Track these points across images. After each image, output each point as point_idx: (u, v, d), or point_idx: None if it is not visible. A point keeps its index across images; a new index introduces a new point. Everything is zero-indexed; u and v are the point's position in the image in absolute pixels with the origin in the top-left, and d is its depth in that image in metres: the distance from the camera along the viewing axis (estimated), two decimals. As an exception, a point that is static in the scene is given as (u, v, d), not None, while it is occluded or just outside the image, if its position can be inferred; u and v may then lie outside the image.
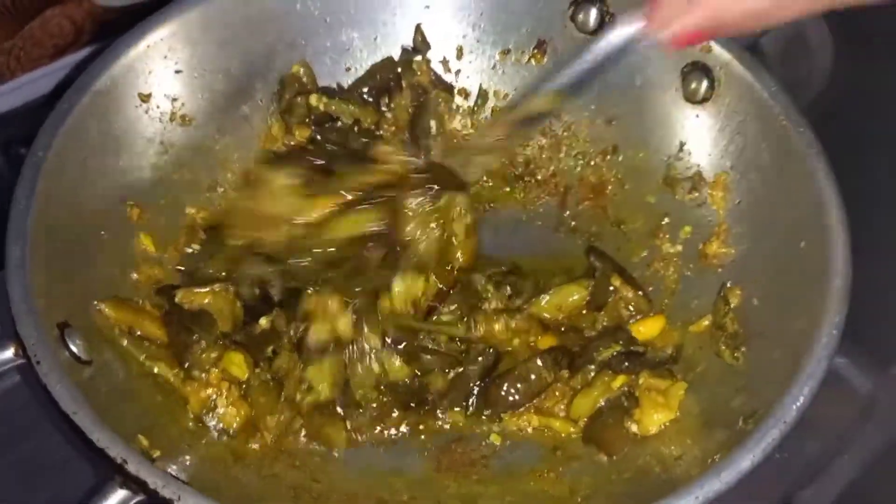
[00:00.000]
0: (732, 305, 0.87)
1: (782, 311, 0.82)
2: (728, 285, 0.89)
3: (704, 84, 0.94)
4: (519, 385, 0.86)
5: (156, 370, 0.82)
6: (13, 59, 1.13)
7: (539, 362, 0.86)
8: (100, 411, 0.68)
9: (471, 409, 0.87)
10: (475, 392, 0.88)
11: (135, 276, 0.89)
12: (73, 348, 0.73)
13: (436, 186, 0.86)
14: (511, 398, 0.86)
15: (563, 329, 0.93)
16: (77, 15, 1.14)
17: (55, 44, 1.13)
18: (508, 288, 0.92)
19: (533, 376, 0.86)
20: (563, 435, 0.86)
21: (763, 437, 0.68)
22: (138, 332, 0.83)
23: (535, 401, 0.87)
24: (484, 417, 0.87)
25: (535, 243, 1.01)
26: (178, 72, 0.95)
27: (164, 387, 0.81)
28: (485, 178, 1.05)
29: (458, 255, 0.89)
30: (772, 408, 0.69)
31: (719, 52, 0.93)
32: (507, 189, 1.06)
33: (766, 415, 0.69)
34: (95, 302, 0.81)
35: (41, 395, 0.67)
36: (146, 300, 0.87)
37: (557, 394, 0.87)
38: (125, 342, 0.82)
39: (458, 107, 1.07)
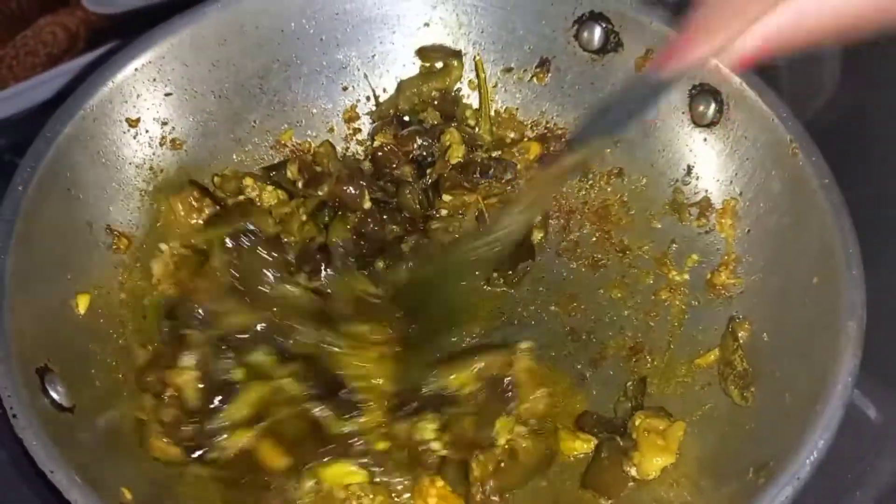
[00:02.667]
0: (741, 340, 0.84)
1: (794, 350, 0.79)
2: (737, 318, 0.86)
3: (713, 107, 0.91)
4: None
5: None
6: (6, 68, 1.11)
7: None
8: (80, 462, 0.65)
9: None
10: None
11: (122, 295, 0.87)
12: (54, 395, 0.70)
13: None
14: None
15: None
16: (70, 23, 1.12)
17: (49, 52, 1.11)
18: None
19: None
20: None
21: (777, 495, 0.65)
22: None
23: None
24: None
25: (536, 269, 0.98)
26: (168, 94, 0.92)
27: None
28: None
29: None
30: (785, 461, 0.66)
31: (728, 74, 0.89)
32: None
33: (780, 469, 0.66)
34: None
35: (14, 449, 0.64)
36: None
37: None
38: None
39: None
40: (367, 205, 0.94)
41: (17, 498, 0.71)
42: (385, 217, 0.96)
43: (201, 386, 0.80)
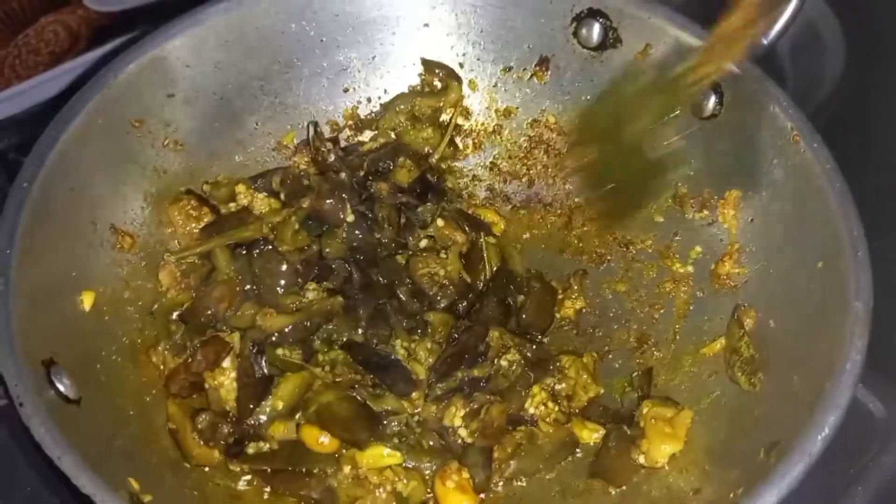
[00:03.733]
0: (747, 328, 0.84)
1: (800, 334, 0.78)
2: (742, 307, 0.86)
3: (713, 99, 0.91)
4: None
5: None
6: (8, 67, 1.12)
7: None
8: (87, 453, 0.65)
9: None
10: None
11: (126, 294, 0.87)
12: (60, 387, 0.70)
13: None
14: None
15: None
16: (72, 21, 1.13)
17: (51, 51, 1.12)
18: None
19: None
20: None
21: (788, 472, 0.64)
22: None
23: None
24: None
25: (540, 265, 0.98)
26: (170, 96, 0.92)
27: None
28: (489, 199, 1.03)
29: None
30: (795, 439, 0.66)
31: (728, 67, 0.89)
32: (511, 208, 1.03)
33: (790, 447, 0.66)
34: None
35: (23, 438, 0.64)
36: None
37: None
38: None
39: (458, 126, 1.05)
40: (350, 218, 0.92)
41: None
42: (374, 228, 0.94)
43: (236, 385, 0.81)
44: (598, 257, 0.98)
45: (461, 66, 1.03)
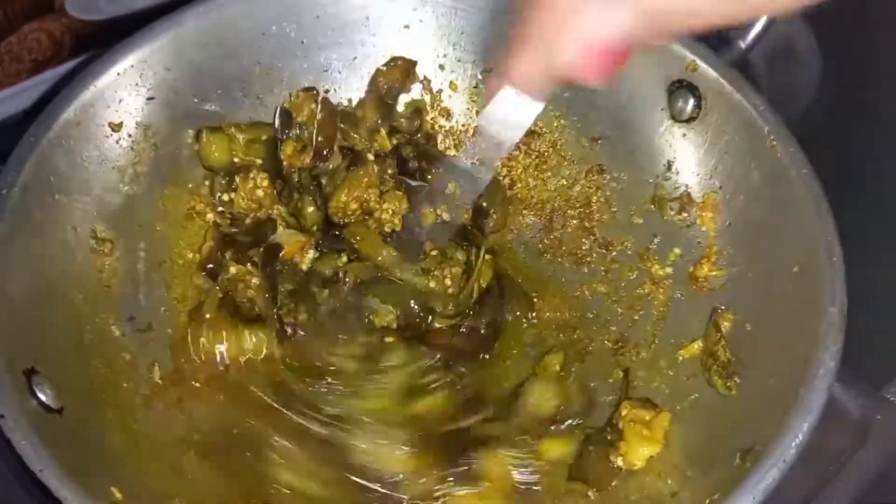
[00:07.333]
0: (724, 331, 0.85)
1: (776, 338, 0.79)
2: (720, 310, 0.87)
3: (691, 103, 0.92)
4: None
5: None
6: (-10, 74, 1.11)
7: None
8: (69, 463, 0.66)
9: None
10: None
11: (106, 298, 0.87)
12: (42, 396, 0.70)
13: None
14: None
15: None
16: (55, 29, 1.13)
17: (34, 59, 1.11)
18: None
19: None
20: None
21: (763, 478, 0.66)
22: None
23: None
24: None
25: (520, 267, 0.99)
26: (150, 99, 0.92)
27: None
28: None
29: None
30: (770, 445, 0.67)
31: (705, 70, 0.91)
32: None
33: (765, 452, 0.67)
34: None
35: (4, 449, 0.64)
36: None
37: None
38: None
39: (440, 127, 1.05)
40: None
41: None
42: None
43: None
44: (578, 259, 0.99)
45: (442, 67, 1.03)
